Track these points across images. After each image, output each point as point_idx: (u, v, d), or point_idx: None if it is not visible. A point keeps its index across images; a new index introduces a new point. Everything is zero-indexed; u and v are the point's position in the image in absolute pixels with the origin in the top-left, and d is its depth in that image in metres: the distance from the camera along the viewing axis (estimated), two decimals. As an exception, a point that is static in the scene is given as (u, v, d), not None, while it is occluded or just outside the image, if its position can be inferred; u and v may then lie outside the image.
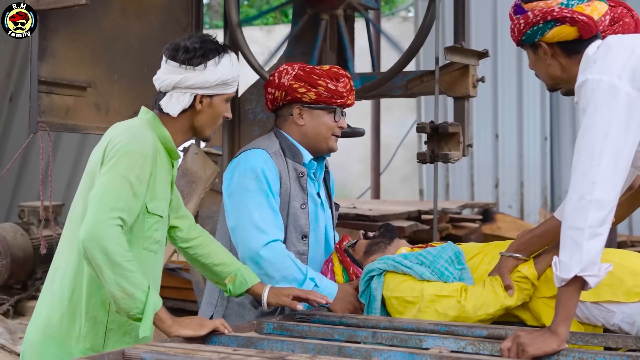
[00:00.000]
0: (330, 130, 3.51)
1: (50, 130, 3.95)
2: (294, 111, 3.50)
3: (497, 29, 11.31)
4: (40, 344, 2.85)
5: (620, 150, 2.55)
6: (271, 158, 3.40)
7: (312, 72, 3.48)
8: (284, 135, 3.51)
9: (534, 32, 2.78)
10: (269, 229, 3.32)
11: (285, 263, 3.31)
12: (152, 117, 2.92)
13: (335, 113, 3.50)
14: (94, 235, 2.61)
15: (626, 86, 2.57)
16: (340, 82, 3.49)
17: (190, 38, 2.92)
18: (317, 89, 3.45)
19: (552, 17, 2.74)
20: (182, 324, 2.74)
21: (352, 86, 3.55)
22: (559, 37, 2.76)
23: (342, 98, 3.48)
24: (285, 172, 3.42)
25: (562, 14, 2.73)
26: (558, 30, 2.75)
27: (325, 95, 3.45)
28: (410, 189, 13.77)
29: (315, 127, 3.50)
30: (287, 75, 3.48)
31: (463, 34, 4.75)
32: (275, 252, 3.30)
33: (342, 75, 3.52)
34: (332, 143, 3.53)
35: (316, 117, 3.50)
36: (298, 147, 3.49)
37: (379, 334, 2.86)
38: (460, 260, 3.27)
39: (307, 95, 3.45)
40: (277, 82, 3.50)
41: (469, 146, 4.76)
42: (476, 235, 8.57)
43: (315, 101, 3.46)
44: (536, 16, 2.76)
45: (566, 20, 2.73)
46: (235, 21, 5.08)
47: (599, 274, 2.55)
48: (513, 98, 11.52)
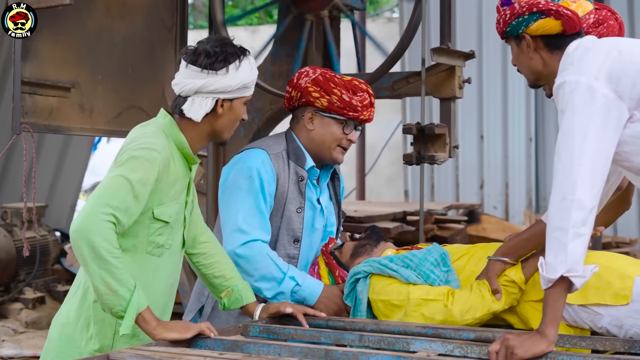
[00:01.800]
0: (336, 141, 3.47)
1: (33, 131, 3.90)
2: (306, 114, 3.48)
3: (482, 30, 11.33)
4: (57, 341, 2.91)
5: (599, 151, 2.58)
6: (270, 159, 3.40)
7: (331, 80, 3.45)
8: (293, 137, 3.50)
9: (519, 23, 2.82)
10: (250, 229, 3.31)
11: (264, 262, 3.31)
12: (170, 122, 2.92)
13: (346, 125, 3.46)
14: (82, 228, 2.60)
15: (603, 87, 2.60)
16: (357, 96, 3.44)
17: (209, 42, 2.91)
18: (331, 97, 3.41)
19: (538, 9, 2.78)
20: (167, 327, 2.72)
21: (371, 102, 3.49)
22: (542, 30, 2.80)
23: (355, 112, 3.43)
24: (284, 175, 3.41)
25: (548, 6, 2.77)
26: (542, 22, 2.79)
27: (338, 105, 3.41)
28: (395, 190, 13.77)
29: (322, 135, 3.47)
30: (307, 77, 3.47)
31: (449, 35, 4.73)
32: (254, 251, 3.30)
33: (361, 89, 3.46)
34: (336, 154, 3.49)
35: (325, 125, 3.47)
36: (303, 152, 3.47)
37: (365, 337, 2.84)
38: (446, 262, 3.26)
39: (319, 101, 3.43)
40: (295, 82, 3.50)
41: (455, 147, 4.75)
42: (461, 236, 8.58)
43: (326, 109, 3.43)
44: (522, 7, 2.80)
45: (551, 13, 2.77)
46: (220, 20, 5.06)
47: (584, 274, 2.56)
48: (498, 99, 11.55)
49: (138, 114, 4.65)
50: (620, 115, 2.61)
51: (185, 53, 2.93)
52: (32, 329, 7.42)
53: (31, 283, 7.97)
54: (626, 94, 2.60)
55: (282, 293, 3.34)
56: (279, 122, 5.61)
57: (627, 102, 2.60)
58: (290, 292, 3.35)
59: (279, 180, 3.40)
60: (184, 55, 2.93)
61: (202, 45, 2.91)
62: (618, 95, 2.60)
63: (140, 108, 4.70)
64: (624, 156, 2.68)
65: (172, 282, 3.01)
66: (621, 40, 2.78)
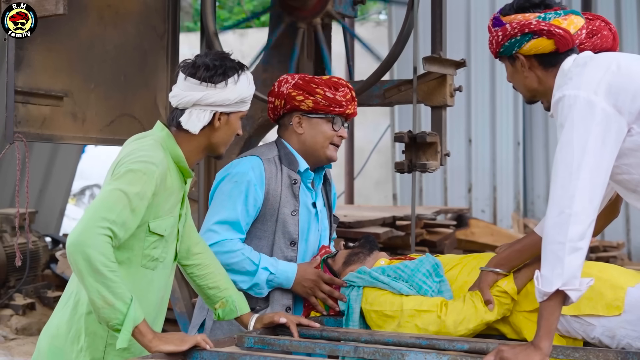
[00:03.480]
0: (328, 140, 3.51)
1: (26, 140, 3.91)
2: (294, 120, 3.52)
3: (471, 36, 11.35)
4: (47, 352, 2.89)
5: (597, 165, 2.59)
6: (262, 164, 3.43)
7: (311, 81, 3.50)
8: (284, 144, 3.53)
9: (512, 44, 2.82)
10: (222, 230, 3.36)
11: (236, 258, 3.35)
12: (167, 135, 2.92)
13: (334, 122, 3.51)
14: (79, 242, 2.59)
15: (602, 102, 2.61)
16: (340, 91, 3.49)
17: (208, 55, 2.93)
18: (315, 96, 3.46)
19: (530, 29, 2.78)
20: (163, 339, 2.71)
21: (353, 96, 3.55)
22: (535, 50, 2.81)
23: (341, 107, 3.48)
24: (276, 179, 3.44)
25: (540, 27, 2.77)
26: (535, 42, 2.79)
27: (323, 104, 3.46)
28: (383, 193, 13.79)
29: (313, 136, 3.50)
30: (287, 84, 3.51)
31: (440, 43, 4.75)
32: (225, 248, 3.34)
33: (341, 84, 3.52)
34: (330, 152, 3.53)
35: (315, 126, 3.51)
36: (295, 156, 3.51)
37: (360, 348, 2.84)
38: (438, 272, 3.28)
39: (304, 103, 3.46)
40: (276, 90, 3.53)
41: (446, 155, 4.77)
42: (450, 240, 8.60)
43: (313, 109, 3.47)
44: (514, 29, 2.80)
45: (543, 33, 2.78)
46: (212, 30, 5.07)
47: (580, 288, 2.57)
48: (486, 103, 11.58)
49: (130, 122, 4.66)
50: (620, 129, 2.62)
51: (184, 65, 2.93)
52: (23, 335, 7.39)
53: (21, 289, 7.94)
54: (625, 109, 2.61)
55: (257, 284, 3.39)
56: (269, 129, 5.63)
57: (627, 116, 2.61)
58: (266, 282, 3.39)
59: (269, 184, 3.42)
60: (182, 67, 2.94)
61: (201, 59, 2.92)
62: (617, 109, 2.61)
63: (132, 116, 4.71)
64: (624, 169, 2.70)
65: (163, 295, 3.02)
66: (619, 55, 2.79)
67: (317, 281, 3.43)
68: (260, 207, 3.43)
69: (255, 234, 3.46)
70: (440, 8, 4.78)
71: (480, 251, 8.36)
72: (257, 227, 3.46)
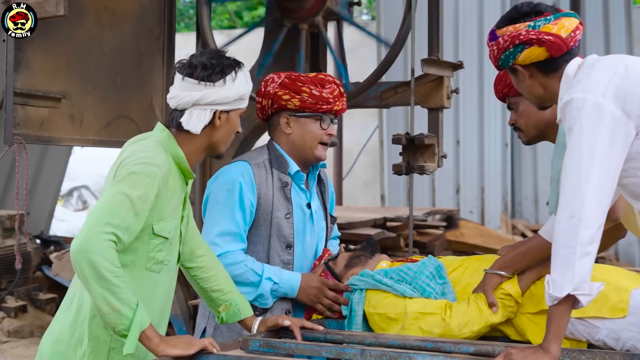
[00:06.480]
0: (316, 139, 3.48)
1: (25, 142, 3.89)
2: (282, 120, 3.49)
3: (459, 38, 11.37)
4: (49, 357, 2.86)
5: (606, 169, 2.59)
6: (251, 169, 3.41)
7: (297, 79, 3.47)
8: (274, 146, 3.51)
9: (507, 56, 2.83)
10: (223, 242, 3.34)
11: (239, 269, 3.34)
12: (167, 136, 2.91)
13: (322, 120, 3.48)
14: (83, 248, 2.57)
15: (610, 105, 2.60)
16: (326, 88, 3.46)
17: (204, 55, 2.92)
18: (302, 95, 3.43)
19: (520, 40, 2.78)
20: (169, 343, 2.70)
21: (341, 92, 3.52)
22: (530, 59, 2.81)
23: (329, 104, 3.45)
24: (266, 183, 3.42)
25: (529, 36, 2.77)
26: (528, 52, 2.79)
27: (310, 102, 3.43)
28: (371, 194, 13.80)
29: (301, 135, 3.48)
30: (273, 83, 3.49)
31: (437, 45, 4.76)
32: (228, 260, 3.32)
33: (328, 81, 3.49)
34: (319, 152, 3.50)
35: (302, 125, 3.48)
36: (286, 158, 3.48)
37: (367, 351, 2.84)
38: (441, 274, 3.28)
39: (291, 102, 3.44)
40: (263, 90, 3.51)
41: (442, 157, 4.79)
42: (440, 241, 8.61)
43: (300, 108, 3.44)
44: (505, 41, 2.81)
45: (533, 42, 2.77)
46: (208, 31, 5.08)
47: (590, 292, 2.57)
48: (474, 104, 11.60)
49: (127, 124, 4.65)
50: (628, 132, 2.61)
51: (180, 66, 2.92)
52: (15, 338, 7.34)
53: (13, 291, 7.90)
54: (633, 112, 2.61)
55: (262, 295, 3.38)
56: (265, 131, 5.60)
57: (635, 119, 2.61)
58: (270, 292, 3.39)
59: (260, 189, 3.41)
60: (178, 68, 2.92)
61: (197, 58, 2.90)
62: (625, 112, 2.60)
63: (128, 117, 4.69)
64: (632, 172, 2.69)
65: (166, 298, 3.00)
66: (626, 57, 2.78)
67: (321, 288, 3.42)
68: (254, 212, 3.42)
69: (250, 240, 3.45)
70: (437, 10, 4.79)
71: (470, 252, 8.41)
72: (252, 232, 3.45)
